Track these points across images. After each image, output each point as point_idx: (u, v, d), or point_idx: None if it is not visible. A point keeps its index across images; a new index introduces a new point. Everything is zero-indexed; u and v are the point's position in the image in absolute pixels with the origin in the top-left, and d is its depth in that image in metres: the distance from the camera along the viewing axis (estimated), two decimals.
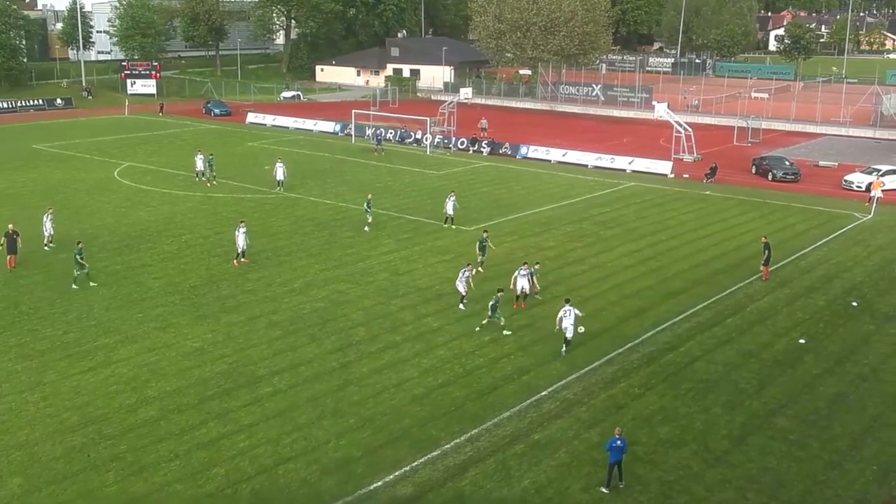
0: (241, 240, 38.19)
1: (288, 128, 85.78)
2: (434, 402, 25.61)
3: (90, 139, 76.57)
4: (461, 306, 32.94)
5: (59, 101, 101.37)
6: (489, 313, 30.71)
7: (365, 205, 45.91)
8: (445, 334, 30.75)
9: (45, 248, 40.43)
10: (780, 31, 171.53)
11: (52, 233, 41.13)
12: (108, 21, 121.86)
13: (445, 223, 45.84)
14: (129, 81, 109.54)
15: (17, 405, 24.99)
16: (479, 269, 37.03)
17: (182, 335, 30.46)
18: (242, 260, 38.24)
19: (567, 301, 29.65)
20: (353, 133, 78.45)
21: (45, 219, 41.28)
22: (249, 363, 28.10)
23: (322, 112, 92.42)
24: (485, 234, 38.70)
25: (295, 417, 24.39)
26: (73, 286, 34.70)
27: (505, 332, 30.54)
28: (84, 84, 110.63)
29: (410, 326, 31.54)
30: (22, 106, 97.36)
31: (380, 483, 21.20)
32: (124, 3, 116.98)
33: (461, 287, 32.78)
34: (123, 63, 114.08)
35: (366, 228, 45.02)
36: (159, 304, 33.45)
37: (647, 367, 28.46)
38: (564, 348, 28.97)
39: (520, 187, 57.87)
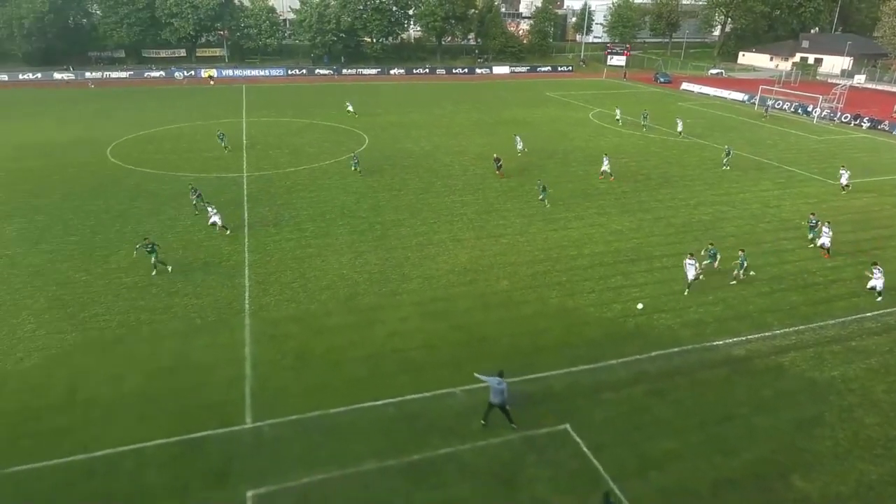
0: (606, 165, 37.19)
1: (709, 95, 77.56)
2: (775, 299, 22.62)
3: (579, 92, 77.69)
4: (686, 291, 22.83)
5: (565, 67, 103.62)
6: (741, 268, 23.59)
7: (724, 153, 41.58)
8: (796, 255, 26.56)
9: (518, 154, 42.17)
10: None
11: (522, 147, 42.24)
12: (603, 16, 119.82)
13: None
14: (608, 56, 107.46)
15: (512, 242, 27.57)
16: (818, 248, 26.69)
17: (611, 220, 30.54)
18: (606, 177, 36.79)
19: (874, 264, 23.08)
20: (756, 103, 68.49)
21: (517, 139, 42.70)
22: (649, 246, 27.35)
23: (736, 86, 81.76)
24: (812, 216, 28.27)
25: (672, 285, 23.37)
26: (543, 203, 34.67)
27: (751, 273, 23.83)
28: (581, 57, 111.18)
29: (769, 244, 27.81)
30: (544, 69, 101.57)
31: (720, 342, 19.71)
32: (615, 4, 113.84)
33: (690, 273, 22.71)
34: (607, 44, 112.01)
35: (726, 168, 40.33)
36: (600, 200, 33.75)
37: None
38: None
39: (889, 157, 46.07)
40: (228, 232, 27.51)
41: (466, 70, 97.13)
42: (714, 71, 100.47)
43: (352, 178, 36.79)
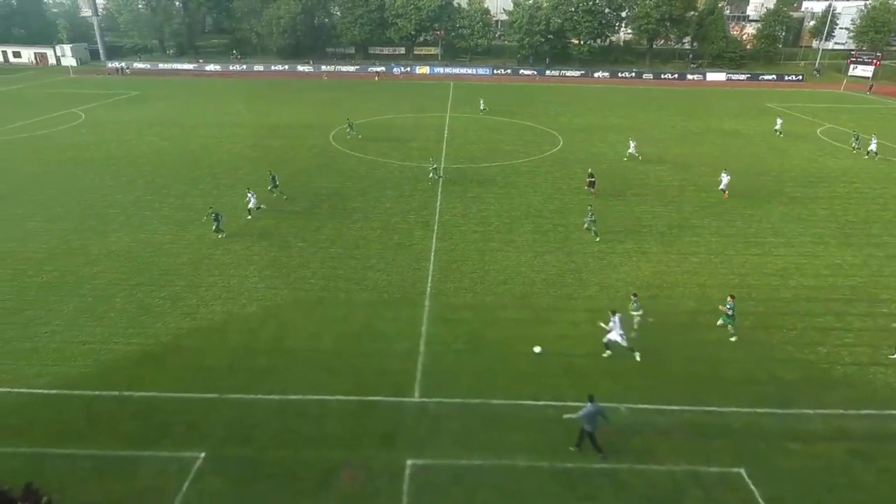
0: (724, 181, 33.31)
1: None
2: None
3: (807, 104, 68.45)
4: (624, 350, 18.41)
5: (794, 76, 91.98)
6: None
7: None
8: None
9: (625, 159, 38.68)
10: None
11: (633, 152, 40.59)
12: (851, 20, 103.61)
13: None
14: (851, 66, 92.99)
15: (704, 262, 25.36)
16: None
17: (828, 252, 26.60)
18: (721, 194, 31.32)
19: None
20: None
21: (631, 142, 41.36)
22: (875, 287, 23.31)
23: None
24: None
25: (887, 337, 19.71)
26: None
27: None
28: (816, 65, 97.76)
29: None
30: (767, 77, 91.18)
31: None
32: (870, 6, 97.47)
33: (612, 335, 18.25)
34: (851, 52, 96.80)
35: None
36: (818, 227, 29.56)
37: None
38: None
39: None
40: (263, 207, 30.04)
41: (677, 75, 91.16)
42: None
43: (541, 178, 36.77)
